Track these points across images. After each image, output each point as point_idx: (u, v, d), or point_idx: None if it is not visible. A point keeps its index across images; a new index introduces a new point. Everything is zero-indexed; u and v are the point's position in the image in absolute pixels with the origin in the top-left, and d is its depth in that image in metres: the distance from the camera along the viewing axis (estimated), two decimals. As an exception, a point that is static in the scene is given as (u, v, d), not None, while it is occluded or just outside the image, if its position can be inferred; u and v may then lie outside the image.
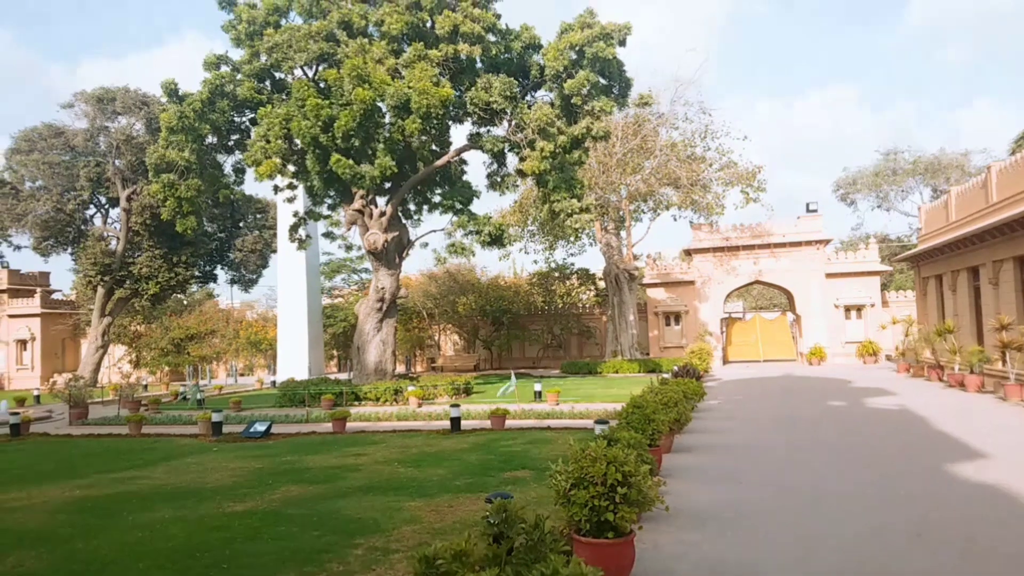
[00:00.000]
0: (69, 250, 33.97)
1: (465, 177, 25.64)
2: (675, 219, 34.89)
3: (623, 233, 35.82)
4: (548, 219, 23.67)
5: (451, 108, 21.11)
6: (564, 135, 20.46)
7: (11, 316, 40.98)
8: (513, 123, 21.69)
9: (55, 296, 42.96)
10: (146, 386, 30.39)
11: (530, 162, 20.58)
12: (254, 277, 37.19)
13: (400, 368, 37.76)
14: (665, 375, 20.32)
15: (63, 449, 14.61)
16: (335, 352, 44.52)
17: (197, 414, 17.30)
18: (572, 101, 20.76)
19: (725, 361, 36.19)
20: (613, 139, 30.02)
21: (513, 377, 19.88)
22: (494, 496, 4.71)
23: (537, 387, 20.46)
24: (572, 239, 36.04)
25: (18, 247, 37.23)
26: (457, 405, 15.07)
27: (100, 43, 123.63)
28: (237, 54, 22.38)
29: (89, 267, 31.84)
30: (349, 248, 28.90)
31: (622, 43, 21.15)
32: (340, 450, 12.43)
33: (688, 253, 37.59)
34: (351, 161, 19.82)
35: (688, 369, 20.95)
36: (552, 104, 21.51)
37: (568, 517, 4.78)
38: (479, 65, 22.01)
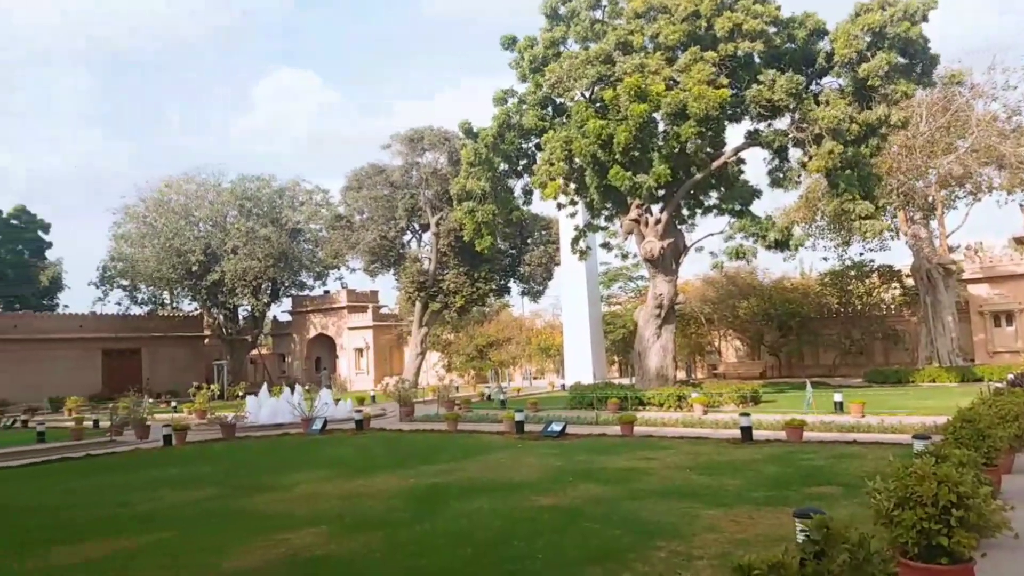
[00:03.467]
0: (392, 271, 39.70)
1: (743, 176, 24.70)
2: (1002, 204, 29.58)
3: (933, 223, 31.44)
4: (837, 217, 21.84)
5: (727, 108, 20.59)
6: (856, 123, 18.76)
7: (350, 328, 48.82)
8: (797, 118, 20.44)
9: (382, 311, 50.17)
10: (457, 388, 34.14)
11: (816, 160, 19.22)
12: (541, 288, 39.92)
13: (680, 374, 37.41)
14: (997, 384, 17.41)
15: (396, 442, 16.96)
16: (615, 358, 45.57)
17: (502, 413, 19.01)
18: (867, 85, 18.94)
19: (1081, 368, 29.80)
20: (917, 118, 26.62)
21: (809, 386, 18.62)
22: (805, 511, 4.59)
23: (837, 397, 18.88)
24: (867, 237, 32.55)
25: (353, 270, 44.57)
26: (747, 414, 14.57)
27: (410, 89, 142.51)
28: (522, 86, 24.38)
29: (408, 285, 37.03)
30: (625, 256, 29.53)
31: (924, 18, 18.82)
32: (631, 453, 12.79)
33: (1020, 242, 31.74)
34: (628, 172, 20.32)
35: (1030, 378, 17.69)
36: (841, 90, 19.83)
37: (891, 539, 4.46)
38: (757, 60, 21.15)
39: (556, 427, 15.90)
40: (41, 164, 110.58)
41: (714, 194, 25.09)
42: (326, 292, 50.76)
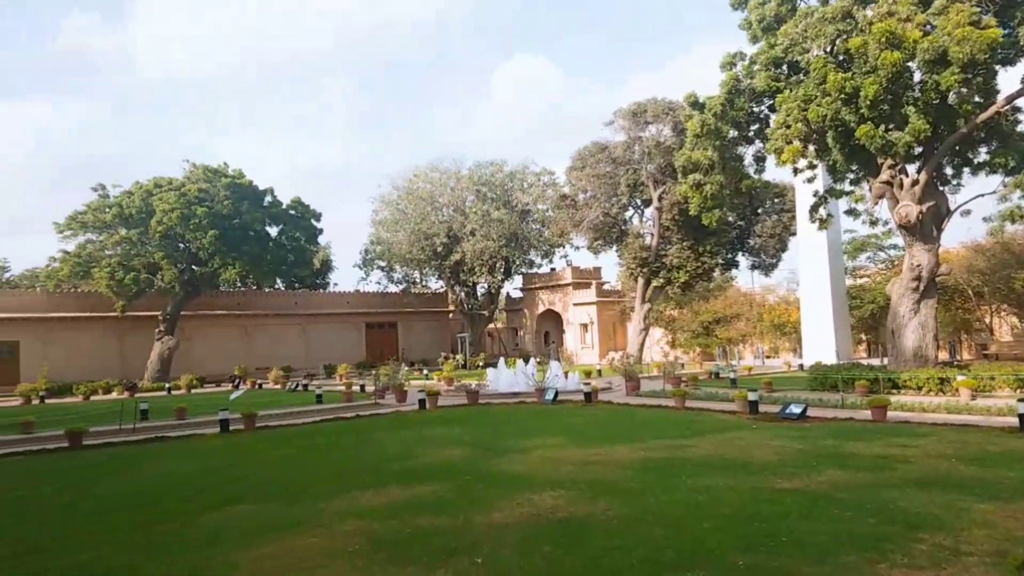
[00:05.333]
0: (614, 247, 40.05)
1: (1020, 128, 21.18)
2: None
3: None
4: None
5: (998, 50, 17.80)
6: None
7: (575, 304, 50.19)
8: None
9: (606, 287, 50.90)
10: (683, 365, 33.65)
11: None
12: (774, 261, 37.67)
13: (942, 355, 33.27)
14: None
15: (624, 415, 17.28)
16: (862, 336, 41.80)
17: (733, 392, 18.49)
18: None
19: None
20: None
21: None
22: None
23: None
24: None
25: (577, 247, 45.82)
26: (1026, 400, 12.73)
27: (638, 65, 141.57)
28: (751, 48, 23.05)
29: (630, 261, 37.10)
30: (874, 224, 26.72)
31: None
32: (883, 439, 11.81)
33: None
34: (879, 129, 18.47)
35: None
36: None
37: None
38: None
39: (795, 409, 15.11)
40: (312, 159, 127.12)
41: (984, 150, 21.87)
42: (552, 270, 52.69)
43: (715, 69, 25.32)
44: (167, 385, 36.08)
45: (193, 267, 40.74)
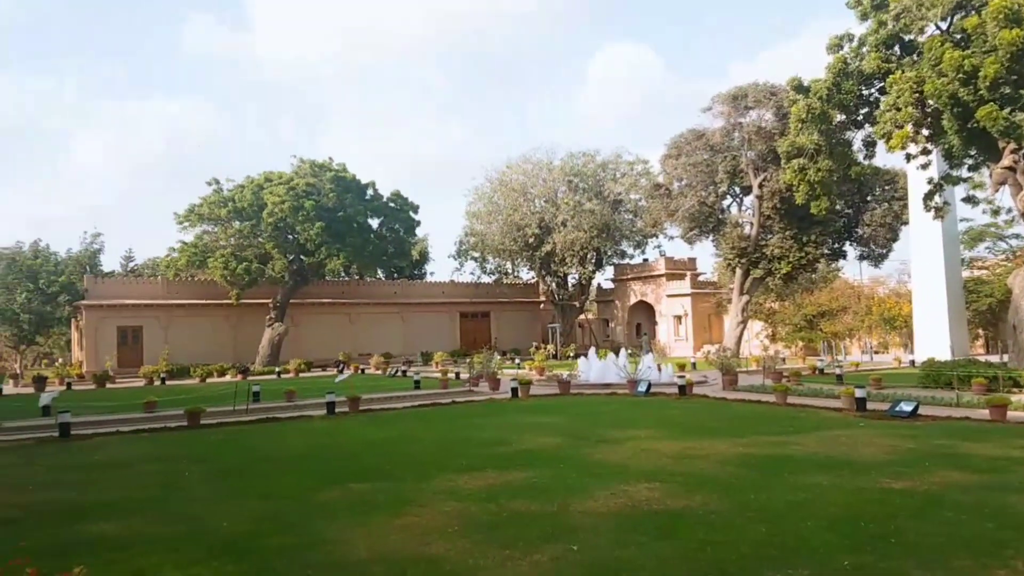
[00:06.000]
0: (710, 237, 38.98)
1: None
2: None
3: None
4: None
5: None
6: None
7: (668, 296, 49.29)
8: None
9: (701, 278, 49.72)
10: (784, 359, 32.48)
11: None
12: (884, 252, 35.53)
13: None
14: None
15: (721, 410, 16.93)
16: (980, 331, 39.07)
17: (839, 388, 17.76)
18: None
19: None
20: None
21: None
22: None
23: None
24: None
25: (671, 237, 44.97)
26: None
27: (738, 50, 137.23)
28: (860, 29, 21.93)
29: (728, 251, 36.00)
30: (996, 212, 24.84)
31: None
32: (1004, 440, 11.16)
33: None
34: (1002, 111, 17.21)
35: None
36: None
37: None
38: None
39: (906, 407, 14.39)
40: (411, 152, 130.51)
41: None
42: (645, 260, 52.00)
43: (814, 59, 24.18)
44: (277, 369, 38.12)
45: (301, 257, 42.72)
